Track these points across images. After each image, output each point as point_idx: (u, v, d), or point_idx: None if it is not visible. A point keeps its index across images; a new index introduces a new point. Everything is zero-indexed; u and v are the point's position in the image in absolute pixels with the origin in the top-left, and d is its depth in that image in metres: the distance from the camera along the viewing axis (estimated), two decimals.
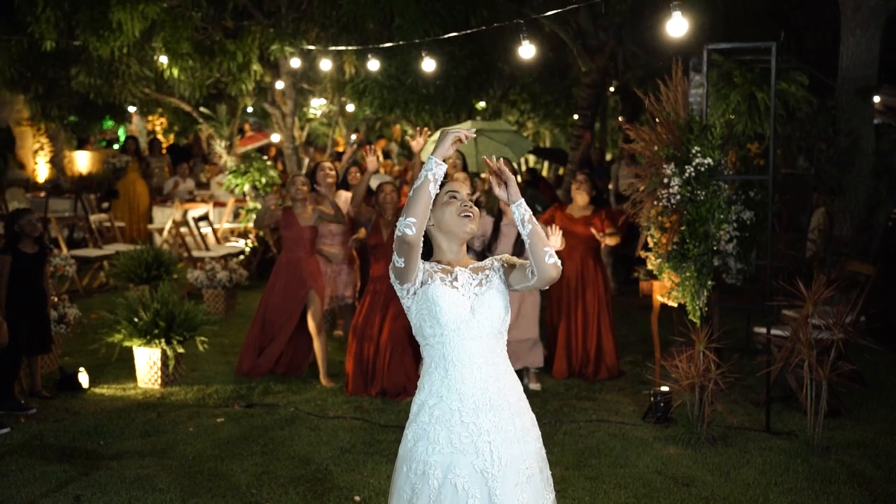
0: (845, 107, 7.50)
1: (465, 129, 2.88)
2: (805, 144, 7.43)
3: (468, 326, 2.90)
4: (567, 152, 14.59)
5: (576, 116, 15.61)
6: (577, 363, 7.32)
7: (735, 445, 5.70)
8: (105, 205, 14.61)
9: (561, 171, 15.93)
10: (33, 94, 12.68)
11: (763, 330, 6.38)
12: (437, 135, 8.23)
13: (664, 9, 6.81)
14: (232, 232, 13.37)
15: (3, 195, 14.75)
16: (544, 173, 19.59)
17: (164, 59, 10.35)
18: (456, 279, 2.94)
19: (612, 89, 18.57)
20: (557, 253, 3.05)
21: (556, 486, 4.99)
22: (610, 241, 7.29)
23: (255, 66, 10.70)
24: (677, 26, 6.60)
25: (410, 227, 2.75)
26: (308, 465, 5.33)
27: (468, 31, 9.43)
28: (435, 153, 2.80)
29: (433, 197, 2.79)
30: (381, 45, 9.86)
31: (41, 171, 17.98)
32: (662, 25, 6.85)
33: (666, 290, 6.19)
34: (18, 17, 10.82)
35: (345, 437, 5.83)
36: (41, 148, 18.04)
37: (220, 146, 12.81)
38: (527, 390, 6.01)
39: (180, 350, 6.92)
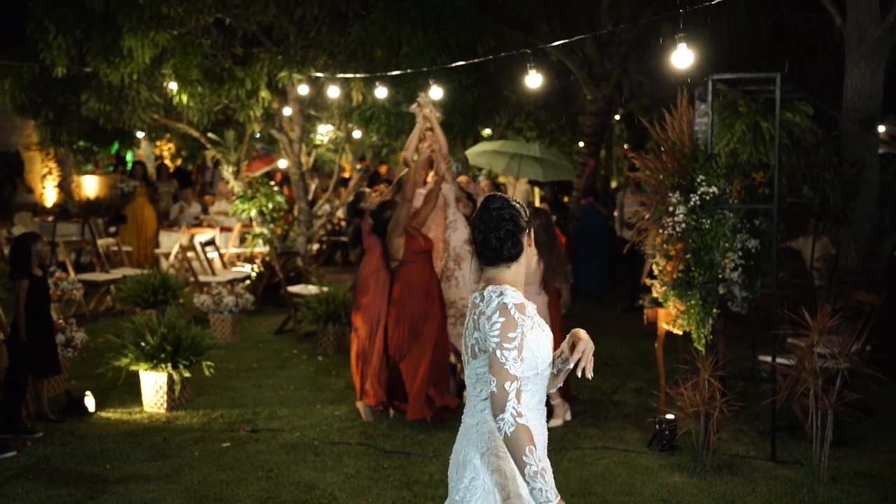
0: (850, 137, 7.55)
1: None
2: (810, 174, 7.47)
3: (547, 370, 2.84)
4: (571, 180, 14.64)
5: (581, 144, 15.70)
6: None
7: (740, 474, 5.68)
8: (112, 229, 14.70)
9: (566, 199, 15.98)
10: (43, 120, 12.78)
11: (768, 358, 6.38)
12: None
13: (669, 38, 6.89)
14: (238, 257, 13.42)
15: (11, 219, 14.85)
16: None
17: (173, 86, 10.45)
18: (537, 313, 2.85)
19: (617, 117, 18.68)
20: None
21: None
22: None
23: (264, 93, 10.79)
24: (683, 58, 6.66)
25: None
26: (313, 491, 5.32)
27: (475, 60, 9.52)
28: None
29: None
30: (389, 73, 9.95)
31: (49, 195, 18.11)
32: (667, 55, 6.91)
33: (671, 317, 6.21)
34: (30, 43, 10.95)
35: (350, 462, 5.83)
36: (49, 172, 18.18)
37: (227, 171, 12.89)
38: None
39: (186, 374, 6.94)
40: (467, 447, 2.79)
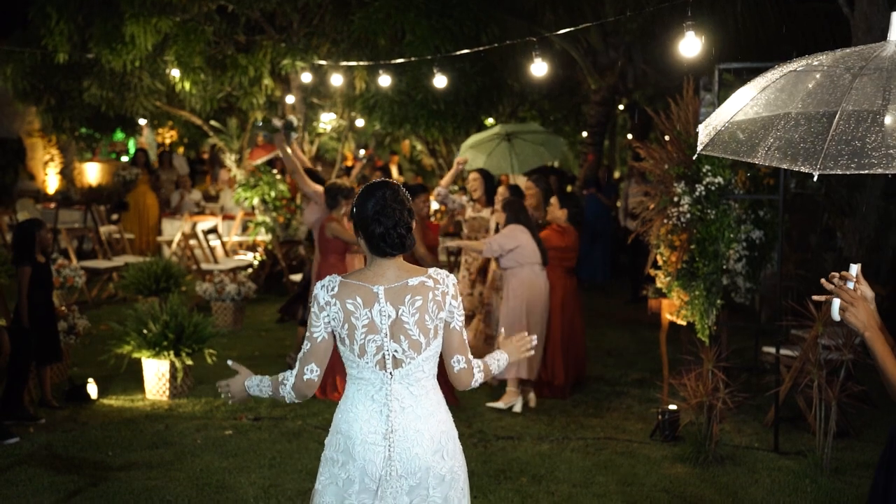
0: None
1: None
2: None
3: None
4: (565, 171, 14.65)
5: (584, 134, 15.65)
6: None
7: (743, 465, 5.68)
8: (115, 216, 14.69)
9: (569, 189, 15.95)
10: (45, 106, 12.76)
11: (772, 349, 6.37)
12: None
13: (674, 27, 6.86)
14: (240, 245, 13.42)
15: (13, 206, 14.84)
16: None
17: (176, 73, 10.42)
18: None
19: (621, 107, 18.62)
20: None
21: (563, 503, 5.00)
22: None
23: (267, 81, 10.77)
24: (690, 46, 6.61)
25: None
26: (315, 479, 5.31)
27: (479, 49, 9.48)
28: None
29: None
30: (392, 61, 9.92)
31: (51, 182, 18.10)
32: (672, 44, 6.88)
33: (675, 308, 6.19)
34: (32, 29, 10.92)
35: None
36: (51, 159, 18.17)
37: (229, 159, 12.88)
38: None
39: (189, 362, 6.93)
40: (442, 436, 2.88)
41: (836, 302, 2.60)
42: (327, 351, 2.90)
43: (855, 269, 2.61)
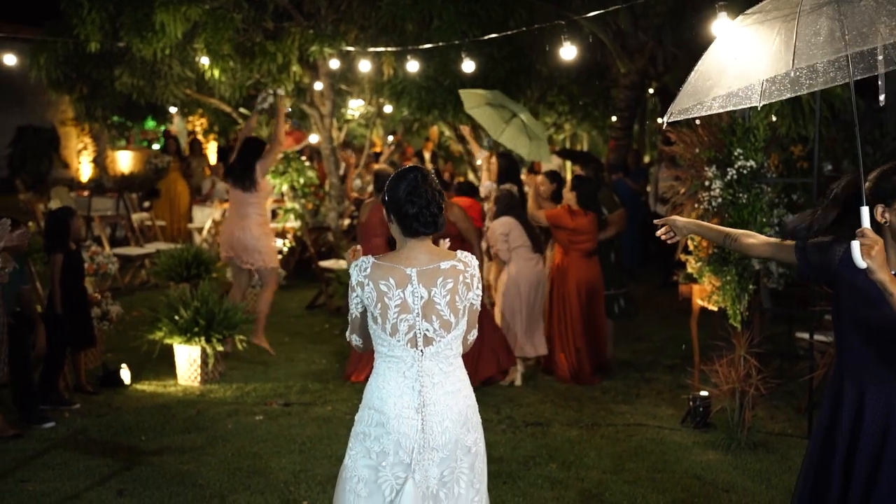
0: (892, 109, 7.37)
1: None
2: (850, 147, 7.31)
3: None
4: (595, 156, 14.49)
5: (614, 118, 15.51)
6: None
7: (776, 452, 5.62)
8: (146, 204, 14.84)
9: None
10: (78, 95, 12.87)
11: (805, 335, 6.29)
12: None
13: (705, 10, 6.76)
14: None
15: (48, 194, 15.05)
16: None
17: (205, 61, 10.46)
18: None
19: (651, 91, 18.41)
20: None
21: (593, 489, 4.99)
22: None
23: (295, 68, 10.76)
24: (723, 28, 6.50)
25: None
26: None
27: (507, 33, 9.41)
28: None
29: None
30: (420, 47, 9.88)
31: (84, 170, 18.32)
32: (704, 26, 6.78)
33: (706, 293, 6.13)
34: (64, 19, 11.01)
35: None
36: (85, 148, 18.38)
37: None
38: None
39: (219, 348, 6.99)
40: (468, 410, 3.02)
41: (856, 245, 2.47)
42: (366, 324, 3.05)
43: (865, 210, 2.51)
